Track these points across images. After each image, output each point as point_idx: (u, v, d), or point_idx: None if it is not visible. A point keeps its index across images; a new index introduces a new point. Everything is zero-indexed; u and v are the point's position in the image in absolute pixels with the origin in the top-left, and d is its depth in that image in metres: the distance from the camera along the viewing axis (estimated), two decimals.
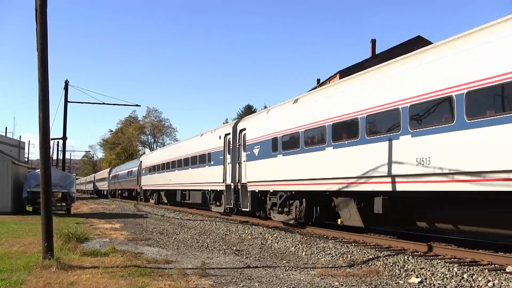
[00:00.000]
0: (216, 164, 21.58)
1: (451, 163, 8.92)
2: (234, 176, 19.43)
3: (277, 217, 16.56)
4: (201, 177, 23.72)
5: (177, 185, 28.89)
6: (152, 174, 36.37)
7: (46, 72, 9.07)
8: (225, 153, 20.63)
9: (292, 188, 15.03)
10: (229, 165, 20.13)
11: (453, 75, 9.00)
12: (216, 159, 21.64)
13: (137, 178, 42.35)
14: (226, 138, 20.66)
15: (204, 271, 8.21)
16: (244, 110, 71.10)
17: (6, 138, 48.45)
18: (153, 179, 35.87)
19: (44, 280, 7.43)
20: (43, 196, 9.11)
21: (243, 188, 18.51)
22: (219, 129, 22.77)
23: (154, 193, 37.23)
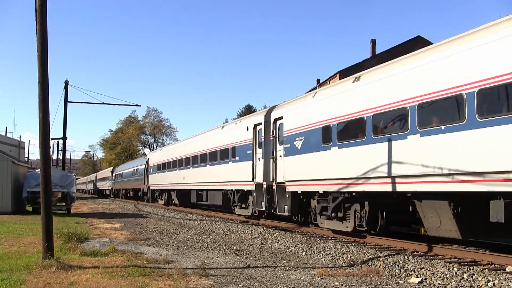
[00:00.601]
0: (242, 160, 18.71)
1: None
2: (267, 174, 16.65)
3: (326, 224, 13.71)
4: (223, 175, 20.86)
5: (192, 184, 26.01)
6: (161, 173, 33.25)
7: (46, 72, 9.07)
8: (255, 146, 17.79)
9: (353, 189, 11.97)
10: (259, 161, 17.33)
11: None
12: (242, 154, 18.79)
13: (143, 177, 39.60)
14: (256, 129, 17.82)
15: (204, 271, 8.21)
16: (244, 110, 71.14)
17: (6, 138, 48.43)
18: (163, 177, 32.68)
19: (44, 280, 7.43)
20: (43, 196, 9.11)
21: (280, 188, 15.70)
22: (247, 119, 19.75)
23: (163, 193, 33.96)
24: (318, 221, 14.13)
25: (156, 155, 36.84)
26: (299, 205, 15.14)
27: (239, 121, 20.45)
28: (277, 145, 16.15)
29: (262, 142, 17.25)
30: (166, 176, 31.75)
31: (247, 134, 18.41)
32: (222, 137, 21.42)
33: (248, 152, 18.23)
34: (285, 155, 15.31)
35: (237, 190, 19.69)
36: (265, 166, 16.84)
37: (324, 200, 13.54)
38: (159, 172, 33.76)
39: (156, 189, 35.38)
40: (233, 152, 19.77)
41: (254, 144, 17.87)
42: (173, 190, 31.18)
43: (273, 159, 16.21)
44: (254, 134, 17.89)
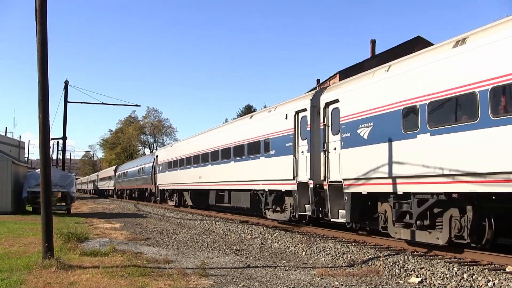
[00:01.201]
0: (279, 155, 15.82)
1: None
2: (315, 171, 13.78)
3: (404, 233, 10.67)
4: (252, 173, 17.91)
5: (210, 183, 22.93)
6: (172, 171, 30.17)
7: (46, 72, 9.08)
8: (297, 138, 14.87)
9: (454, 189, 9.12)
10: (303, 155, 14.44)
11: None
12: (279, 148, 15.81)
13: (151, 175, 36.78)
14: (298, 117, 14.91)
15: (204, 271, 8.22)
16: (244, 110, 71.17)
17: (6, 138, 48.47)
18: (174, 176, 29.58)
19: (44, 280, 7.44)
20: (43, 196, 9.12)
21: (333, 188, 12.90)
22: (284, 105, 16.28)
23: (174, 193, 31.00)
24: (391, 230, 11.09)
25: (166, 151, 33.82)
26: (361, 209, 12.21)
27: (273, 109, 17.08)
28: (329, 135, 13.23)
29: (307, 132, 14.26)
30: (178, 174, 28.73)
31: (286, 124, 15.42)
32: (251, 129, 18.41)
33: (287, 145, 15.27)
34: (342, 147, 12.42)
35: (271, 190, 16.62)
36: (312, 162, 13.89)
37: (402, 203, 10.59)
38: (170, 170, 30.82)
39: (166, 189, 32.44)
40: (266, 146, 16.83)
41: (296, 135, 14.93)
42: (187, 190, 28.32)
43: (325, 152, 13.23)
44: (296, 123, 14.97)
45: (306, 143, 14.38)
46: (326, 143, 13.38)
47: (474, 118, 8.55)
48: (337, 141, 12.84)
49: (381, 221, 11.50)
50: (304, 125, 14.57)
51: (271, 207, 16.87)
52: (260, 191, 17.64)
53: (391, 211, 10.98)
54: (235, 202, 20.63)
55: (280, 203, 16.40)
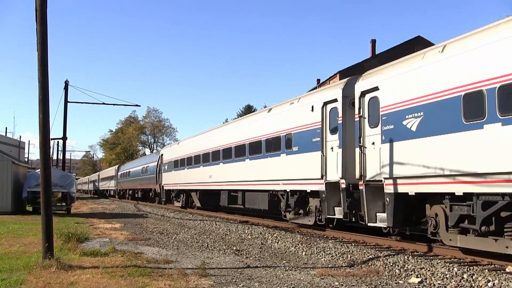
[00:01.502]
0: (303, 151, 14.32)
1: None
2: (347, 169, 12.43)
3: (461, 241, 9.26)
4: (271, 171, 16.39)
5: (222, 183, 21.34)
6: (179, 170, 28.53)
7: (46, 72, 9.08)
8: (325, 132, 13.41)
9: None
10: (333, 151, 12.97)
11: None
12: (303, 143, 14.32)
13: (156, 175, 35.10)
14: (326, 109, 13.46)
15: (204, 271, 8.22)
16: (244, 110, 71.19)
17: (6, 138, 48.49)
18: (181, 176, 27.93)
19: (44, 280, 7.44)
20: (43, 196, 9.12)
21: (371, 188, 11.47)
22: (310, 96, 14.89)
23: (181, 194, 29.38)
24: (443, 236, 9.70)
25: (171, 150, 31.90)
26: (404, 213, 10.76)
27: (296, 101, 15.42)
28: (366, 128, 11.74)
29: (338, 125, 12.83)
30: (185, 174, 27.13)
31: (312, 117, 13.93)
32: (269, 123, 16.87)
33: (313, 141, 13.77)
34: (383, 141, 10.89)
35: (293, 191, 15.08)
36: (344, 158, 12.52)
37: (461, 206, 9.13)
38: (176, 169, 29.17)
39: (172, 189, 30.77)
40: (288, 142, 15.28)
41: (324, 129, 13.43)
42: (195, 191, 26.56)
43: (360, 148, 11.74)
44: (324, 115, 13.48)
45: (336, 138, 12.88)
46: (362, 137, 11.80)
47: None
48: (376, 135, 11.31)
49: (431, 226, 9.99)
50: (334, 118, 13.11)
51: (293, 210, 15.29)
52: (280, 192, 16.07)
53: (444, 214, 9.59)
54: (250, 204, 18.97)
55: (303, 205, 14.88)
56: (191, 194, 27.51)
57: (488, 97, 8.28)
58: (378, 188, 11.18)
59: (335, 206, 13.11)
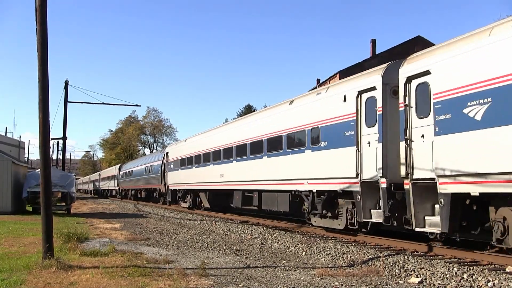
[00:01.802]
0: (333, 146, 12.89)
1: None
2: (388, 166, 10.97)
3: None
4: (293, 169, 14.90)
5: (235, 183, 19.74)
6: (186, 169, 26.99)
7: (46, 72, 9.09)
8: (360, 125, 11.91)
9: None
10: (371, 146, 11.47)
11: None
12: (333, 138, 12.88)
13: (161, 174, 33.49)
14: (361, 98, 11.93)
15: (204, 271, 8.22)
16: (244, 110, 71.18)
17: (6, 138, 48.55)
18: (188, 175, 26.38)
19: (44, 280, 7.44)
20: (43, 196, 9.12)
21: (419, 188, 10.06)
22: (341, 85, 13.25)
23: (188, 194, 27.87)
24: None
25: (178, 148, 30.22)
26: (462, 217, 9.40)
27: (324, 90, 13.90)
28: (413, 119, 10.29)
29: (377, 117, 11.34)
30: (193, 173, 25.60)
31: (344, 108, 12.46)
32: (292, 117, 15.34)
33: (345, 135, 12.32)
34: (437, 133, 9.48)
35: (320, 191, 13.59)
36: (384, 154, 11.04)
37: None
38: (183, 168, 27.63)
39: (179, 189, 29.19)
40: (314, 136, 13.81)
41: (359, 122, 11.94)
42: (203, 191, 24.96)
43: (406, 141, 10.29)
44: (359, 106, 11.98)
45: (375, 131, 11.40)
46: (408, 129, 10.34)
47: None
48: (426, 126, 9.84)
49: (497, 231, 8.71)
50: (372, 108, 11.58)
51: (320, 212, 13.66)
52: (304, 192, 14.48)
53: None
54: (268, 205, 17.50)
55: (332, 207, 13.39)
56: (199, 194, 26.05)
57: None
58: (429, 187, 9.74)
59: (371, 209, 11.55)
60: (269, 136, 16.79)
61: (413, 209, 10.02)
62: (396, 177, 10.71)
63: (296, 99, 15.64)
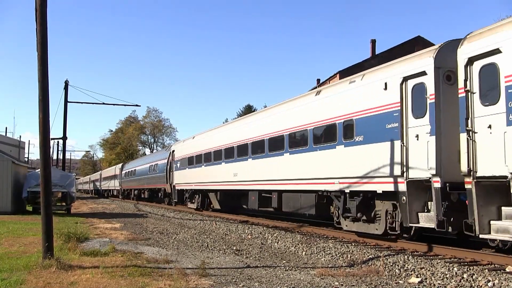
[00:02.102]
0: (371, 141, 11.44)
1: None
2: (443, 162, 9.62)
3: None
4: (321, 167, 13.42)
5: (250, 183, 18.29)
6: (194, 168, 25.39)
7: (46, 72, 9.08)
8: (406, 116, 10.50)
9: None
10: (419, 139, 10.07)
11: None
12: (371, 132, 11.45)
13: (166, 174, 32.04)
14: (407, 85, 10.53)
15: (204, 271, 8.22)
16: (244, 110, 71.15)
17: (6, 138, 48.54)
18: (197, 174, 24.82)
19: (44, 280, 7.44)
20: (43, 196, 9.12)
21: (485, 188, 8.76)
22: (381, 71, 11.68)
23: (196, 194, 26.16)
24: None
25: (185, 145, 28.39)
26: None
27: (358, 78, 12.40)
28: (476, 107, 8.97)
29: (429, 105, 9.91)
30: (202, 172, 24.02)
31: (386, 97, 11.02)
32: (319, 109, 13.79)
33: (387, 127, 10.88)
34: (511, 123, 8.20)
35: (355, 191, 12.15)
36: (438, 149, 9.64)
37: None
38: (191, 167, 25.99)
39: (186, 189, 27.46)
40: (348, 130, 12.34)
41: (405, 112, 10.53)
42: (213, 191, 23.44)
43: (468, 133, 8.96)
44: (404, 94, 10.56)
45: (425, 122, 9.98)
46: (470, 119, 9.03)
47: None
48: (496, 115, 8.55)
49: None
50: (421, 97, 10.18)
51: (354, 215, 12.21)
52: (334, 193, 13.06)
53: None
54: (289, 207, 15.91)
55: (367, 210, 11.93)
56: (208, 194, 24.51)
57: None
58: (498, 187, 8.48)
59: (419, 212, 10.13)
60: (291, 131, 15.21)
61: (477, 212, 8.63)
62: (452, 175, 9.44)
63: (324, 89, 14.13)
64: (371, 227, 11.89)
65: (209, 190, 23.93)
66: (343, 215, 12.84)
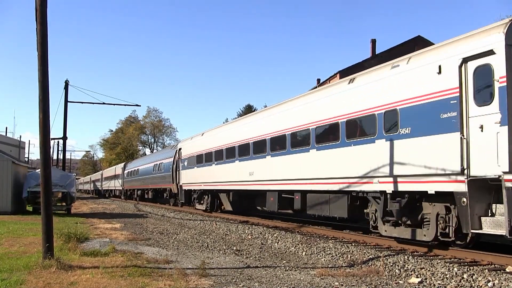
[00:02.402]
0: (422, 134, 9.88)
1: None
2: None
3: None
4: (357, 165, 11.85)
5: (269, 182, 16.71)
6: (204, 166, 23.63)
7: (46, 72, 9.08)
8: (467, 103, 9.00)
9: None
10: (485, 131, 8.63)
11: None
12: (422, 123, 9.86)
13: (172, 173, 30.57)
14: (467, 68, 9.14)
15: (204, 271, 8.22)
16: (244, 110, 71.15)
17: (6, 138, 48.59)
18: (207, 173, 23.11)
19: (44, 280, 7.44)
20: (43, 196, 9.12)
21: None
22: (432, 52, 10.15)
23: (205, 195, 24.61)
24: None
25: (193, 143, 26.39)
26: None
27: (404, 62, 10.83)
28: None
29: (499, 90, 8.44)
30: (212, 171, 22.33)
31: (440, 82, 9.52)
32: (353, 98, 12.22)
33: (442, 117, 9.37)
34: None
35: (398, 192, 10.64)
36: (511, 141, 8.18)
37: None
38: (200, 165, 24.25)
39: (194, 189, 25.76)
40: (390, 121, 10.83)
41: (465, 99, 9.05)
42: (225, 191, 21.76)
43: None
44: (464, 78, 9.11)
45: (493, 110, 8.52)
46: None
47: None
48: None
49: None
50: (485, 80, 8.77)
51: (397, 219, 10.78)
52: (371, 194, 11.56)
53: None
54: (315, 209, 14.58)
55: (413, 213, 10.48)
56: (219, 195, 22.88)
57: None
58: None
59: (481, 215, 8.74)
60: (318, 124, 13.65)
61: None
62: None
63: (359, 76, 12.48)
64: (418, 232, 10.43)
65: (220, 191, 22.21)
66: (382, 219, 11.25)
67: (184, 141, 29.96)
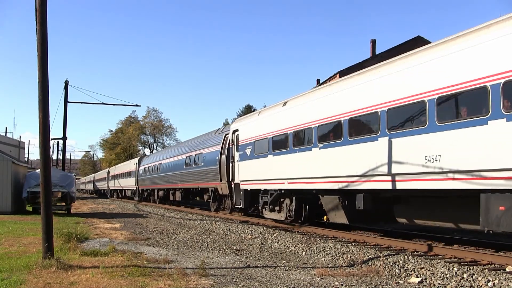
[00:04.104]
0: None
1: None
2: None
3: None
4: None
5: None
6: (287, 154, 15.15)
7: (46, 72, 9.08)
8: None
9: None
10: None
11: None
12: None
13: (219, 167, 22.41)
14: None
15: (204, 271, 8.22)
16: (244, 110, 71.13)
17: (6, 138, 48.61)
18: (295, 163, 14.61)
19: (44, 280, 7.44)
20: (43, 196, 9.12)
21: None
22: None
23: (283, 197, 16.24)
24: None
25: (264, 119, 17.42)
26: None
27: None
28: None
29: None
30: (309, 159, 13.81)
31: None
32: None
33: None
34: None
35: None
36: None
37: None
38: (278, 153, 15.78)
39: (266, 189, 17.00)
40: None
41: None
42: (336, 192, 12.95)
43: None
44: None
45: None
46: None
47: None
48: None
49: None
50: None
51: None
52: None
53: None
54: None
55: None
56: (319, 198, 14.11)
57: None
58: None
59: None
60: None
61: None
62: None
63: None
64: None
65: (319, 190, 13.81)
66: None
67: (241, 120, 20.79)
